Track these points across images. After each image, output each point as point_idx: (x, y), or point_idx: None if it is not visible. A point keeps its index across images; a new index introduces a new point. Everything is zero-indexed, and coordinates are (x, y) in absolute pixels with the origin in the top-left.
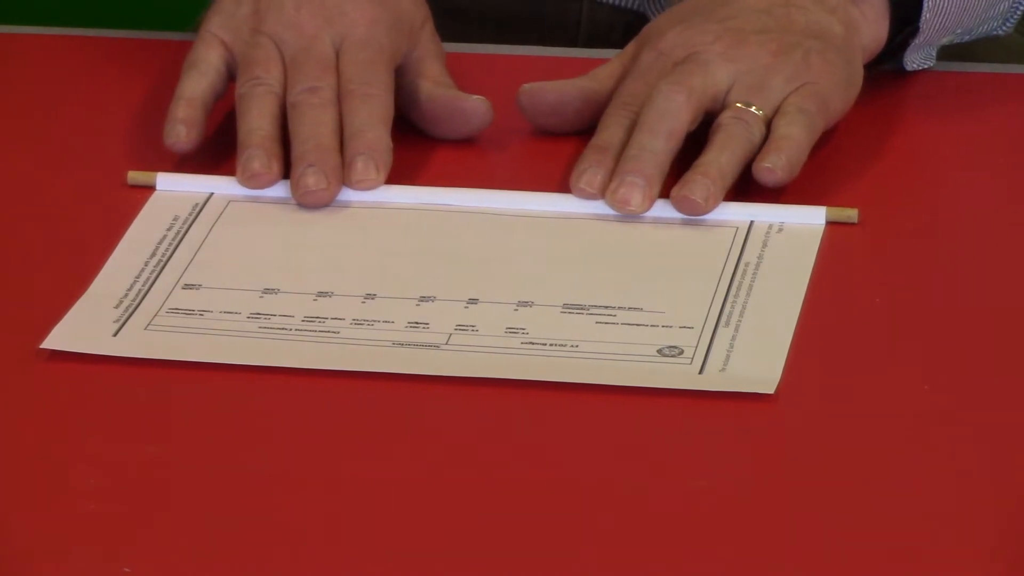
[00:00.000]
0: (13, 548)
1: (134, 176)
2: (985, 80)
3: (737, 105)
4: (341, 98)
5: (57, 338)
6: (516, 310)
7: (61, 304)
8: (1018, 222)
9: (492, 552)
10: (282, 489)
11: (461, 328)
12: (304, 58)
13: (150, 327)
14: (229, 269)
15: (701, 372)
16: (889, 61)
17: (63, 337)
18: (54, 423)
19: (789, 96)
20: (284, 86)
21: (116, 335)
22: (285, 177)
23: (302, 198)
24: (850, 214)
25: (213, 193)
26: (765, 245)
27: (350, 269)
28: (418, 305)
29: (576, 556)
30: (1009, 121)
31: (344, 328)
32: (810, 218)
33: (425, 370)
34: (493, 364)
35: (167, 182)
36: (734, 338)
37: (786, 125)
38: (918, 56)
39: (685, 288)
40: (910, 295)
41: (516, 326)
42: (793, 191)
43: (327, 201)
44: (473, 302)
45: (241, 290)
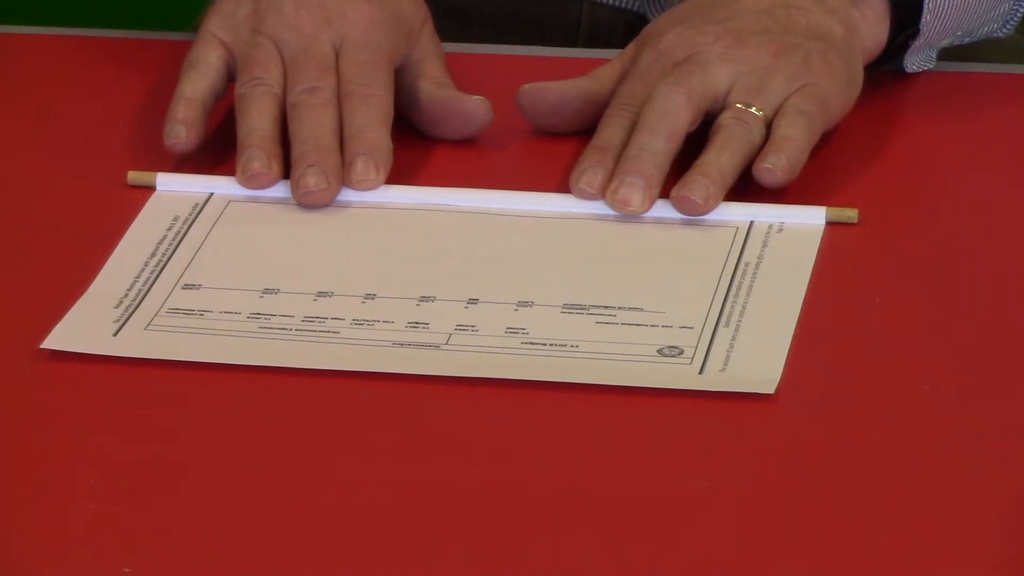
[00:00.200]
0: (13, 548)
1: (134, 176)
2: (985, 80)
3: (737, 106)
4: (341, 99)
5: (57, 338)
6: (516, 310)
7: (61, 304)
8: (1018, 222)
9: (492, 552)
10: (282, 489)
11: (461, 328)
12: (304, 59)
13: (150, 327)
14: (229, 269)
15: (701, 372)
16: (889, 63)
17: (63, 337)
18: (54, 423)
19: (789, 97)
20: (284, 87)
21: (116, 335)
22: (285, 177)
23: (302, 198)
24: (850, 214)
25: (213, 193)
26: (765, 245)
27: (350, 269)
28: (418, 305)
29: (576, 556)
30: (1009, 121)
31: (344, 328)
32: (810, 218)
33: (425, 370)
34: (493, 364)
35: (167, 182)
36: (734, 338)
37: (786, 126)
38: (918, 58)
39: (685, 288)
40: (910, 295)
41: (516, 326)
42: (793, 191)
43: (327, 201)
44: (473, 302)
45: (241, 290)
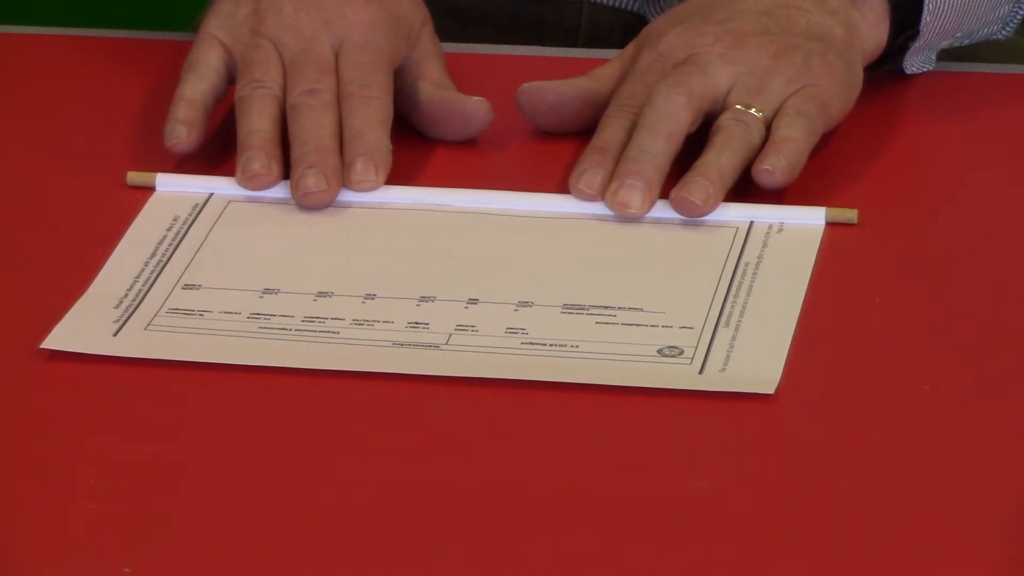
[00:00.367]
0: (13, 548)
1: (134, 177)
2: (985, 80)
3: (737, 107)
4: (340, 100)
5: (57, 338)
6: (516, 310)
7: (61, 304)
8: (1018, 222)
9: (492, 552)
10: (282, 489)
11: (461, 328)
12: (303, 60)
13: (150, 327)
14: (229, 269)
15: (701, 372)
16: (889, 64)
17: (63, 337)
18: (54, 423)
19: (789, 98)
20: (284, 88)
21: (116, 335)
22: (285, 178)
23: (302, 199)
24: (850, 215)
25: (213, 193)
26: (765, 245)
27: (350, 269)
28: (418, 305)
29: (576, 556)
30: (1009, 121)
31: (344, 328)
32: (810, 219)
33: (425, 370)
34: (493, 364)
35: (167, 183)
36: (734, 338)
37: (786, 127)
38: (918, 60)
39: (685, 288)
40: (910, 295)
41: (516, 326)
42: (793, 192)
43: (327, 202)
44: (473, 302)
45: (241, 290)
